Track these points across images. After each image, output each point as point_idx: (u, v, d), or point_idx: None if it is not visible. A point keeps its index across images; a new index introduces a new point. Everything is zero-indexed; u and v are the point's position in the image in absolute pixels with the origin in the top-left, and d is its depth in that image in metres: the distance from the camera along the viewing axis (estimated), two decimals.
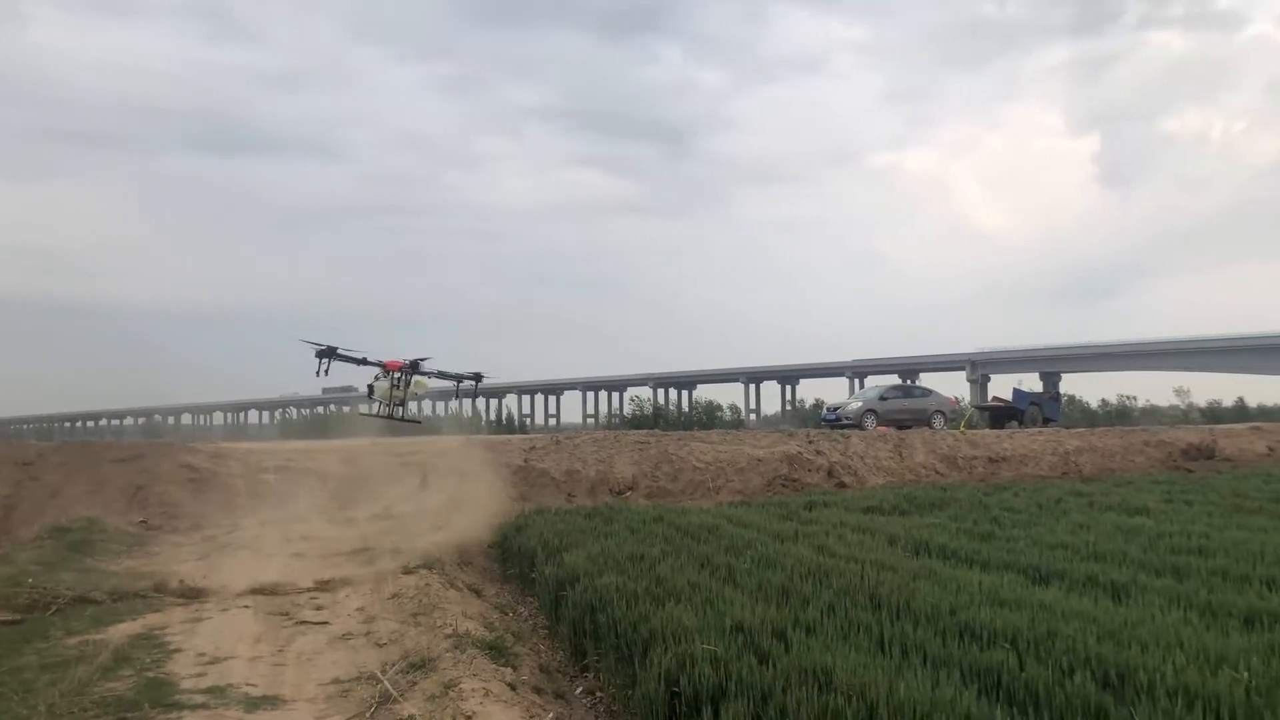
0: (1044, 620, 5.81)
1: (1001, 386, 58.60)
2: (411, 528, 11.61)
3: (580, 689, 6.43)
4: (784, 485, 18.12)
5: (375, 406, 13.24)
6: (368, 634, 6.95)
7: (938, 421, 32.68)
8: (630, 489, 17.45)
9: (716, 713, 4.71)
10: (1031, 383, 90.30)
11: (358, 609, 7.84)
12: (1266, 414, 79.26)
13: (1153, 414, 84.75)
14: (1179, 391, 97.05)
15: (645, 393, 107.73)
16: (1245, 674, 4.55)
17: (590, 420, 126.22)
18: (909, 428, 28.10)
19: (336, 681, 5.76)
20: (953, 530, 10.48)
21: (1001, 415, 38.26)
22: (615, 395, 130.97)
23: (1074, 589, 7.03)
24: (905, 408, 33.34)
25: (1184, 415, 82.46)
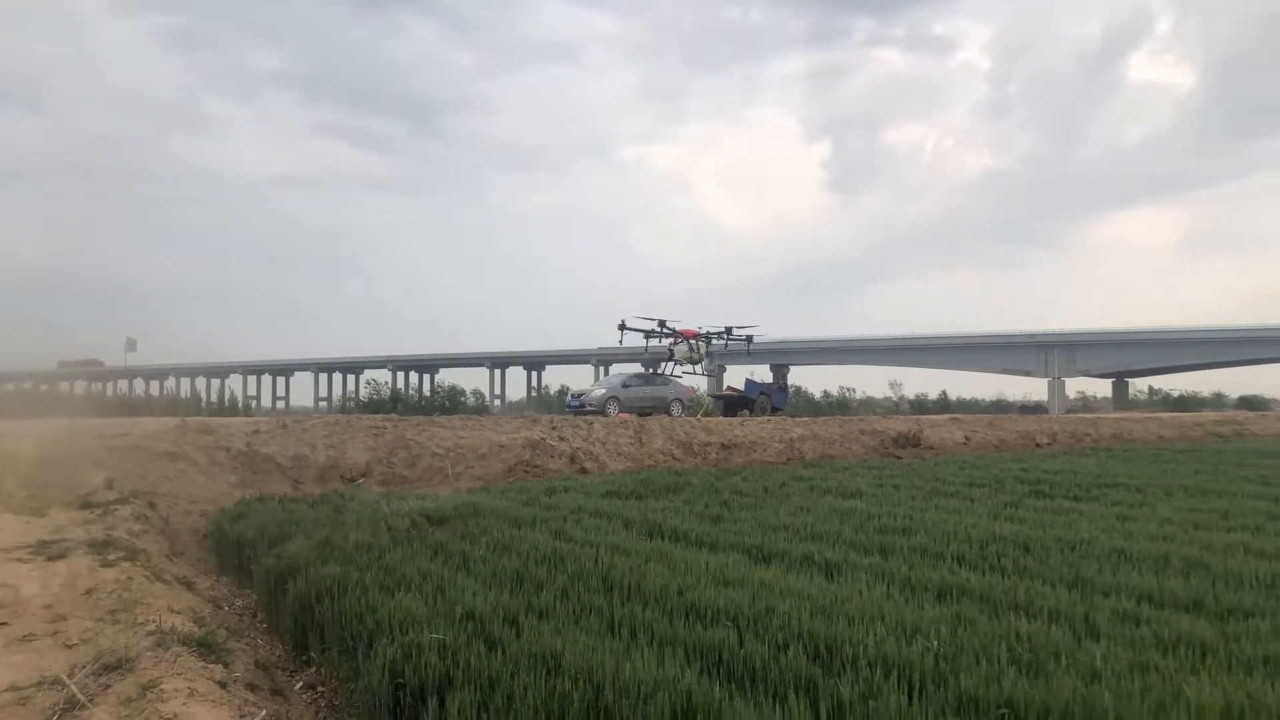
0: (764, 598, 6.15)
1: (737, 377, 61.58)
2: (112, 517, 10.61)
3: (300, 684, 6.13)
4: (526, 471, 18.16)
5: (671, 367, 17.44)
6: (55, 634, 6.27)
7: (676, 409, 33.89)
8: (364, 476, 16.87)
9: (442, 702, 4.63)
10: (763, 374, 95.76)
11: (44, 607, 7.06)
12: (965, 406, 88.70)
13: (869, 404, 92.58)
14: (893, 384, 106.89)
15: (384, 376, 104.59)
16: (935, 643, 5.01)
17: (323, 404, 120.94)
18: (650, 414, 28.98)
19: (13, 689, 5.15)
20: (686, 514, 10.89)
21: (734, 404, 40.26)
22: (351, 378, 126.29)
23: (792, 568, 7.49)
24: (647, 395, 34.35)
25: (896, 406, 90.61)
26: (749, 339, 38.51)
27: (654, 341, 36.73)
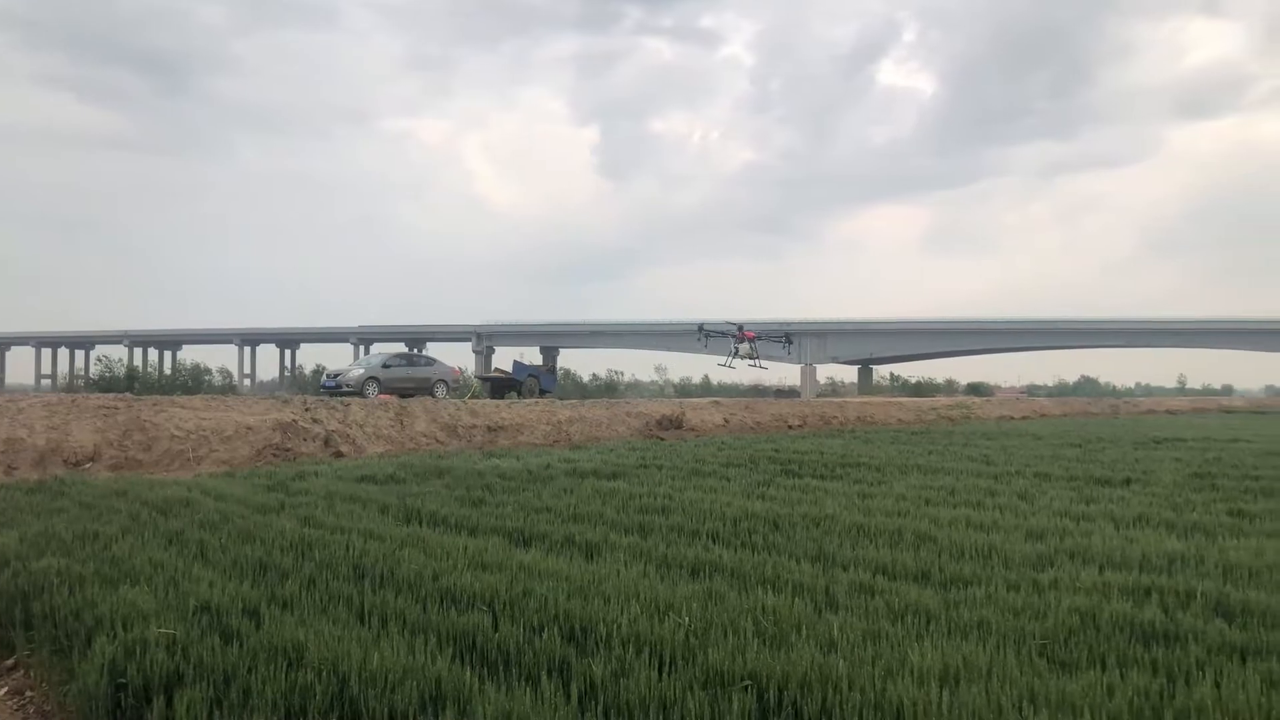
0: (522, 581, 6.13)
1: (506, 358, 61.17)
2: None
3: (5, 689, 5.53)
4: (276, 455, 17.28)
5: (732, 361, 33.75)
6: None
7: (441, 390, 33.31)
8: (92, 460, 15.49)
9: (170, 701, 4.31)
10: (533, 356, 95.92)
11: None
12: (725, 390, 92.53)
13: (636, 388, 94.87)
14: (658, 369, 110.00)
15: (119, 352, 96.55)
16: (686, 619, 5.16)
17: (46, 382, 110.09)
18: (412, 396, 28.31)
19: None
20: (446, 498, 10.71)
21: (501, 386, 40.04)
22: (80, 354, 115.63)
23: (553, 550, 7.52)
24: (409, 376, 33.55)
25: (661, 390, 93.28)
26: (787, 336, 53.11)
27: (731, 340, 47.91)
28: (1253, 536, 8.16)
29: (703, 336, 52.63)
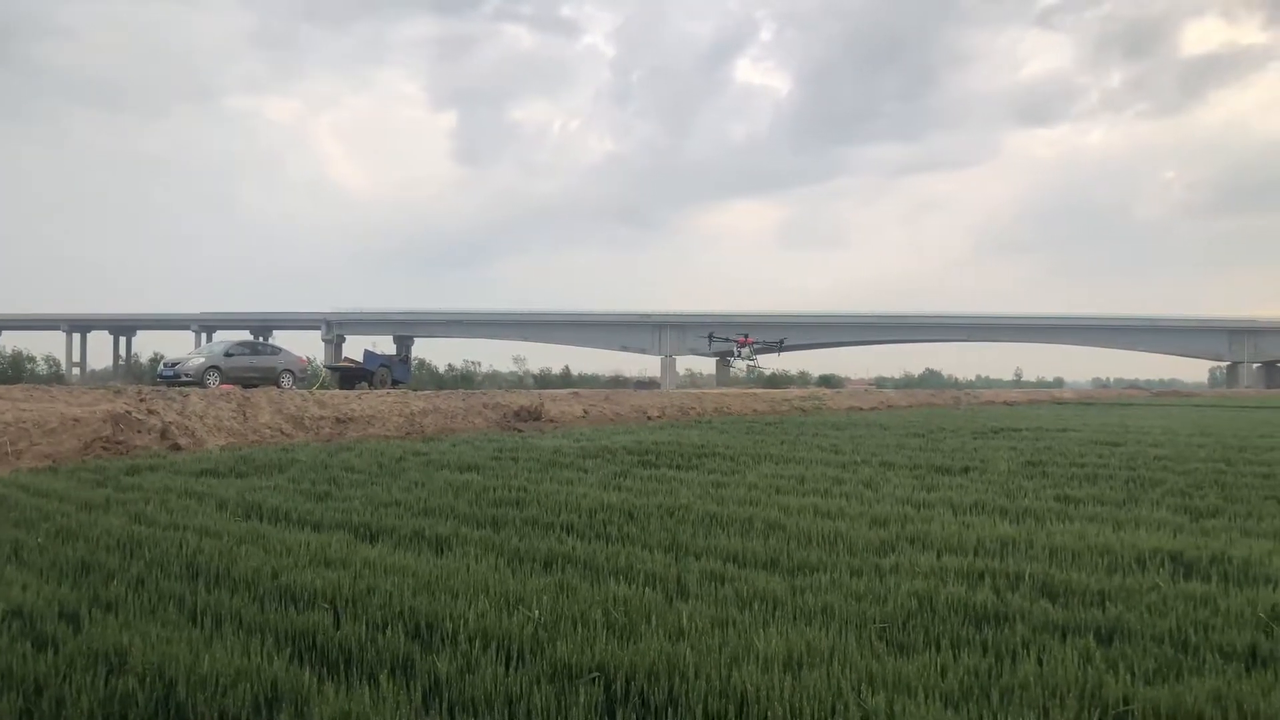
0: (366, 577, 5.98)
1: (358, 348, 59.73)
2: None
3: None
4: (106, 448, 16.33)
5: (738, 363, 52.09)
6: None
7: (287, 380, 32.23)
8: None
9: None
10: (386, 345, 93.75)
11: None
12: (586, 381, 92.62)
13: (494, 379, 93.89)
14: (517, 359, 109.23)
15: None
16: (536, 612, 5.14)
17: None
18: (257, 386, 27.27)
19: None
20: (290, 492, 10.36)
21: (352, 376, 39.06)
22: None
23: (401, 544, 7.37)
24: (253, 365, 32.33)
25: (520, 381, 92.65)
26: (781, 342, 66.31)
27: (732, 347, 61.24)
28: (1077, 521, 8.69)
29: (710, 341, 69.84)
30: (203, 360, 31.55)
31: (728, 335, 69.08)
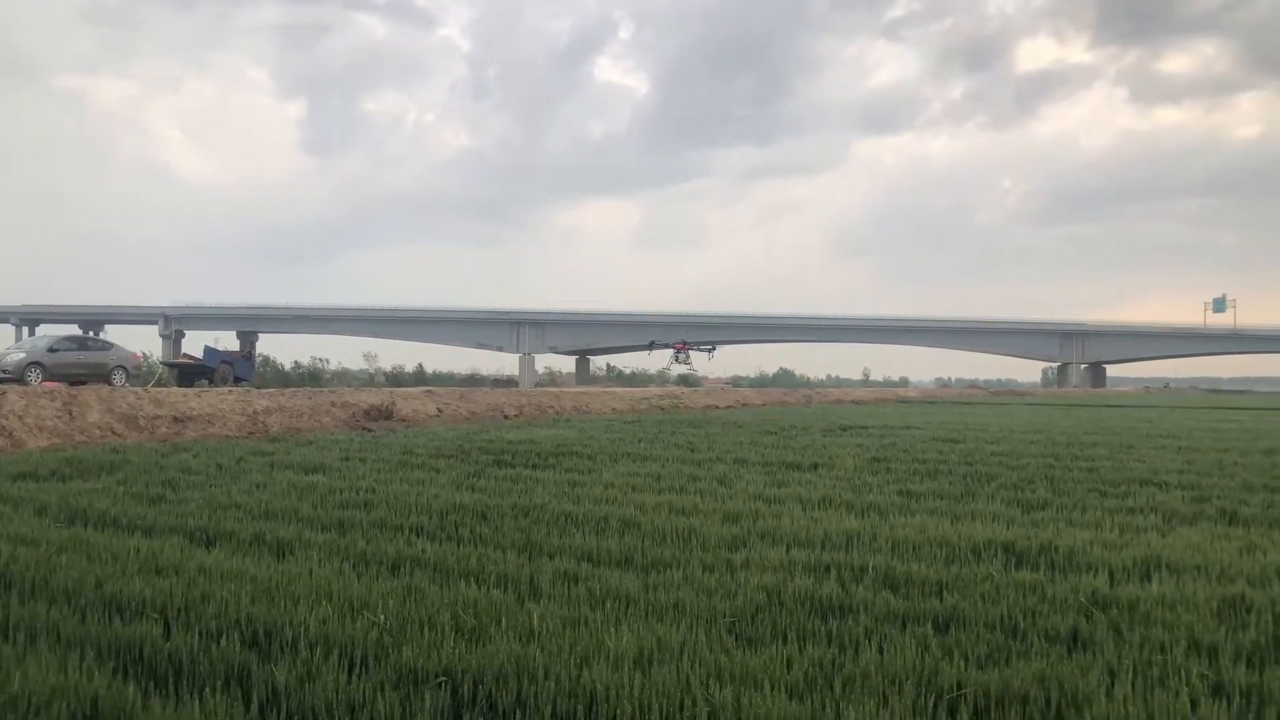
0: (201, 584, 5.71)
1: (199, 344, 57.22)
2: None
3: None
4: None
5: (676, 368, 62.69)
6: None
7: (119, 378, 30.60)
8: None
9: None
10: (229, 341, 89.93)
11: None
12: (440, 379, 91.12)
13: (344, 376, 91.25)
14: (368, 356, 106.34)
15: None
16: (382, 617, 5.01)
17: None
18: (84, 383, 25.76)
19: None
20: (119, 495, 9.81)
21: (191, 373, 37.38)
22: None
23: (240, 549, 7.07)
24: (80, 361, 30.57)
25: (371, 379, 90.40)
26: (713, 345, 78.55)
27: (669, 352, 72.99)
28: (918, 514, 9.07)
29: (651, 348, 79.96)
30: (23, 355, 29.56)
31: (667, 342, 77.15)
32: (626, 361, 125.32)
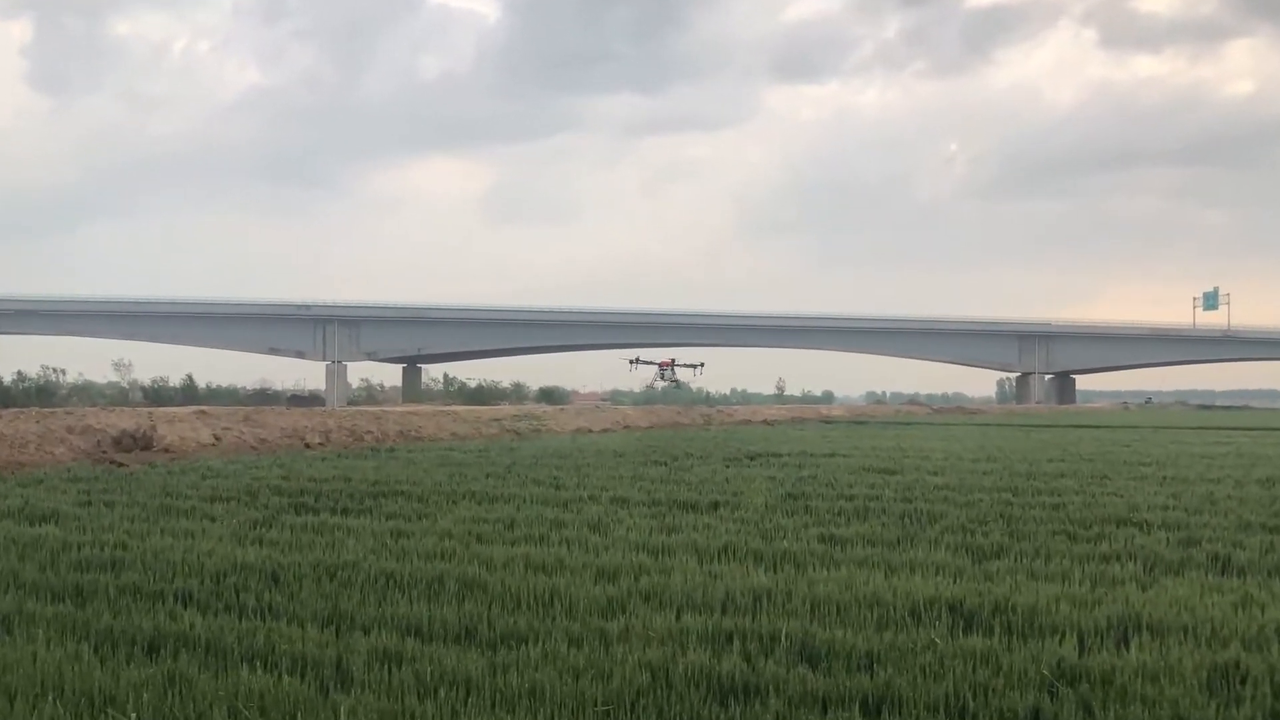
0: None
1: None
2: None
3: None
4: None
5: (658, 383, 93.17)
6: None
7: None
8: None
9: None
10: None
11: None
12: (218, 395, 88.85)
13: (86, 391, 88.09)
14: (119, 365, 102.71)
15: None
16: (134, 716, 4.84)
17: None
18: None
19: None
20: None
21: None
22: None
23: None
24: None
25: (124, 395, 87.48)
26: (701, 363, 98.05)
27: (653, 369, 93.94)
28: (843, 565, 9.26)
29: (634, 365, 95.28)
30: None
31: (651, 360, 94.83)
32: (472, 371, 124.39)
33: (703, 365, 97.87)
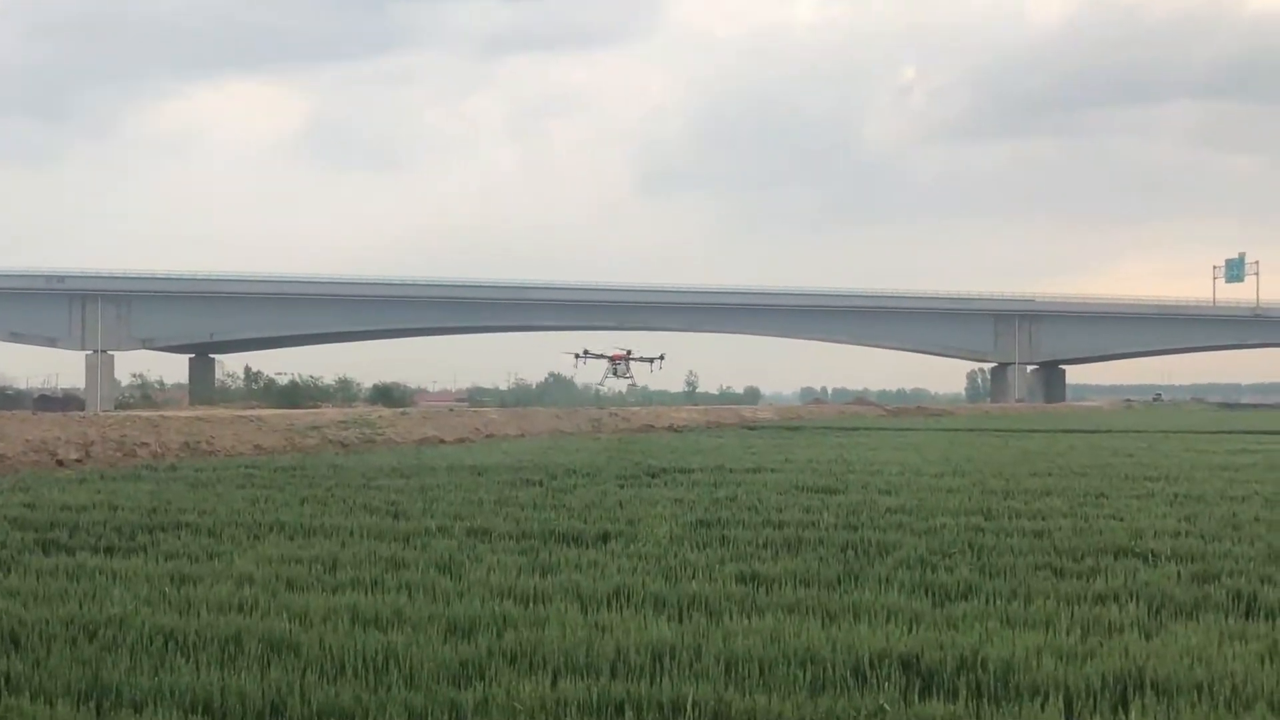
0: None
1: None
2: None
3: None
4: None
5: (607, 379, 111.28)
6: None
7: None
8: None
9: None
10: None
11: None
12: None
13: None
14: None
15: None
16: None
17: None
18: None
19: None
20: None
21: None
22: None
23: None
24: None
25: None
26: (661, 356, 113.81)
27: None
28: (768, 613, 9.33)
29: (580, 359, 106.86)
30: None
31: (602, 352, 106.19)
32: (284, 363, 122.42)
33: (662, 358, 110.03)
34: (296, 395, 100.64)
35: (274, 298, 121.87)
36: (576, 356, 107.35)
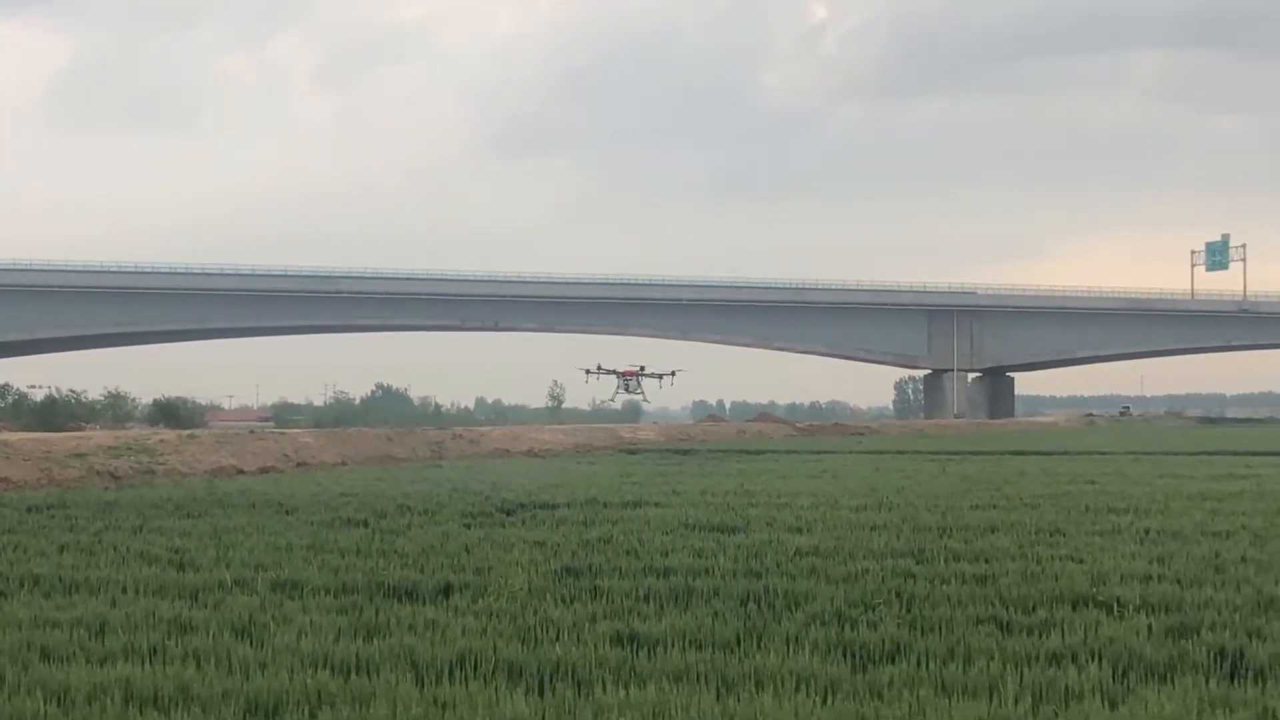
0: None
1: None
2: None
3: None
4: None
5: (618, 396, 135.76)
6: None
7: None
8: None
9: None
10: None
11: None
12: None
13: None
14: None
15: None
16: None
17: None
18: None
19: None
20: None
21: None
22: None
23: None
24: None
25: None
26: (672, 372, 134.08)
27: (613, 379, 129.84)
28: (650, 682, 9.36)
29: (594, 373, 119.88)
30: None
31: (614, 368, 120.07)
32: (39, 375, 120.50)
33: (675, 374, 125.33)
34: (55, 414, 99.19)
35: (24, 290, 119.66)
36: (588, 372, 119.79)
